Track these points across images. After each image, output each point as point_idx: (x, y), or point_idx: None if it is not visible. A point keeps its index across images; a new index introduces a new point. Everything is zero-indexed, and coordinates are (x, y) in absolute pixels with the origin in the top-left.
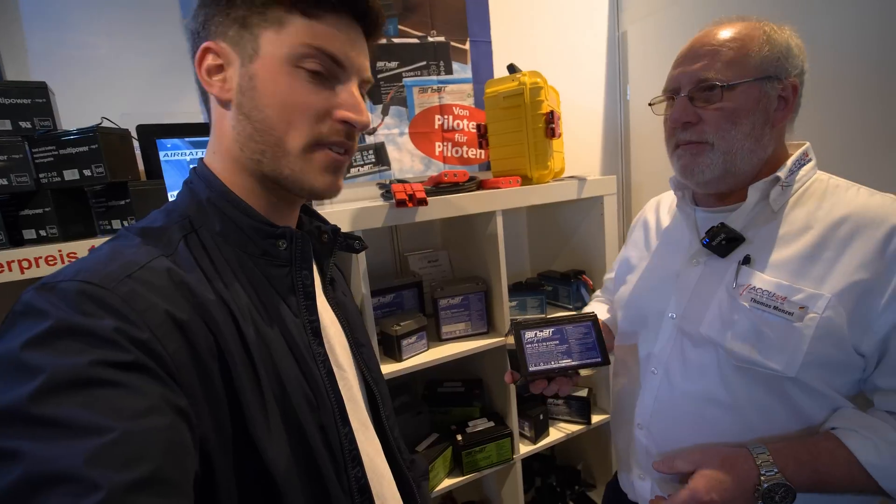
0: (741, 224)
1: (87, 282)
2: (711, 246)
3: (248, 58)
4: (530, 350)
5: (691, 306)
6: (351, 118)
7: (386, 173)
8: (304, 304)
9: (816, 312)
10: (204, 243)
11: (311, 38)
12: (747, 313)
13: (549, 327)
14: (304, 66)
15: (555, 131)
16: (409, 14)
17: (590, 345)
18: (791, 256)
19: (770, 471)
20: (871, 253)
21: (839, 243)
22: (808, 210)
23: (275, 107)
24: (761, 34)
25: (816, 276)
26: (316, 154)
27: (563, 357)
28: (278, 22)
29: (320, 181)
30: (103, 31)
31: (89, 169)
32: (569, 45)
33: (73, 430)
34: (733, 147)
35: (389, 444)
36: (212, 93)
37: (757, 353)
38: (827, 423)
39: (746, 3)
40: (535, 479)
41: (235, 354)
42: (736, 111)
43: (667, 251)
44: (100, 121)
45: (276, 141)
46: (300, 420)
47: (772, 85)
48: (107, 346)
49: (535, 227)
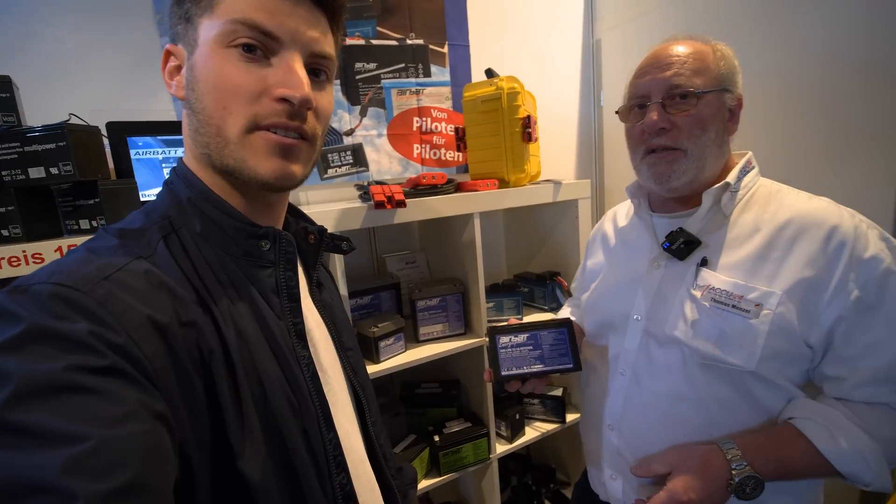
0: (697, 228)
1: (62, 284)
2: (671, 250)
3: (191, 50)
4: (504, 355)
5: (655, 308)
6: (285, 94)
7: (364, 174)
8: (287, 306)
9: (770, 309)
10: (184, 244)
11: (236, 12)
12: (708, 312)
13: (524, 333)
14: (234, 44)
15: (531, 135)
16: (387, 16)
17: (563, 350)
18: (744, 257)
19: (740, 465)
20: (814, 252)
21: (785, 244)
22: (756, 214)
23: (210, 93)
24: (715, 51)
25: (767, 275)
26: (254, 137)
27: (536, 362)
28: (210, 6)
29: (265, 167)
30: (71, 25)
31: (56, 167)
32: (545, 52)
33: (48, 439)
34: (704, 153)
35: (375, 451)
36: (170, 93)
37: (719, 350)
38: (784, 413)
39: (712, 15)
40: (511, 479)
41: (216, 357)
42: (704, 118)
43: (628, 257)
44: (67, 117)
45: (216, 130)
46: (281, 424)
47: (728, 96)
48: (81, 351)
49: (511, 230)
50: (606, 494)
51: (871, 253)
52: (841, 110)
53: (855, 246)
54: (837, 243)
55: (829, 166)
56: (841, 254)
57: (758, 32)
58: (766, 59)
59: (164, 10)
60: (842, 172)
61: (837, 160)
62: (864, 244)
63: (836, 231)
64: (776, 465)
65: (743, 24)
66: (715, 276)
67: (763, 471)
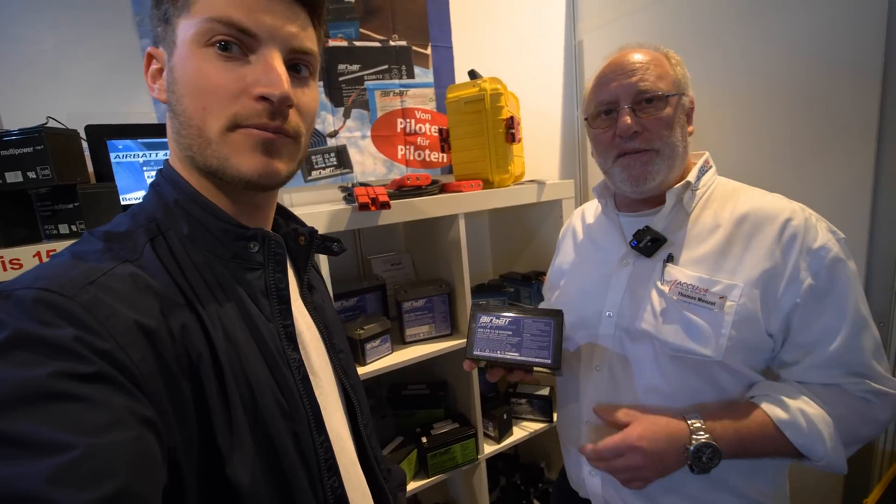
0: (661, 226)
1: (46, 289)
2: (639, 247)
3: (170, 52)
4: (480, 334)
5: (626, 304)
6: (264, 92)
7: (348, 176)
8: (277, 309)
9: (734, 300)
10: (171, 247)
11: (212, 10)
12: (676, 305)
13: (507, 316)
14: (211, 42)
15: (515, 136)
16: (370, 17)
17: (544, 344)
18: (706, 252)
19: (699, 432)
20: (770, 244)
21: (744, 238)
22: (715, 211)
23: (189, 94)
24: (670, 57)
25: (730, 268)
26: (235, 135)
27: (511, 349)
28: (186, 6)
29: (248, 164)
30: (49, 25)
31: (34, 171)
32: (527, 53)
33: (33, 448)
34: (674, 152)
35: (366, 453)
36: (153, 96)
37: (689, 342)
38: (746, 395)
39: (692, 18)
40: (499, 479)
41: (204, 361)
42: (670, 119)
43: (598, 255)
44: (45, 120)
45: (197, 131)
46: (271, 428)
47: (685, 99)
48: (67, 357)
49: (496, 230)
50: (585, 491)
51: (820, 243)
52: (823, 109)
53: (805, 237)
54: (790, 235)
55: (814, 163)
56: (794, 245)
57: (740, 33)
58: (747, 60)
59: (143, 11)
60: (821, 169)
61: (818, 157)
62: (814, 235)
63: (788, 224)
64: (734, 438)
65: (724, 26)
66: (681, 271)
67: (721, 442)
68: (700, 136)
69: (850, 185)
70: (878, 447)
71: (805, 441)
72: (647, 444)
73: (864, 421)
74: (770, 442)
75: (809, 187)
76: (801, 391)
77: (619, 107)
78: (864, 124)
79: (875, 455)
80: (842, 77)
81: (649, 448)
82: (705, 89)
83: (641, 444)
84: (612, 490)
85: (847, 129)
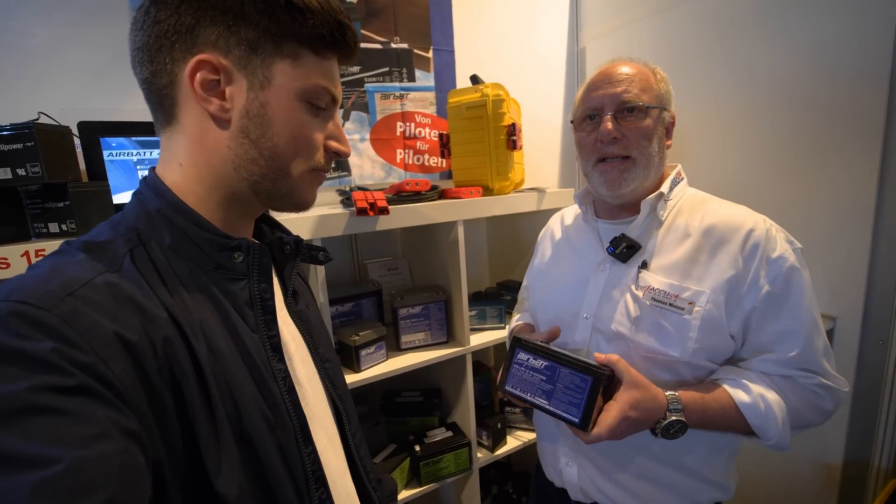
0: (637, 234)
1: (23, 301)
2: (615, 254)
3: (259, 84)
4: (515, 371)
5: (602, 307)
6: (340, 150)
7: (346, 179)
8: (262, 319)
9: (700, 306)
10: (152, 257)
11: (322, 78)
12: (649, 310)
13: (546, 360)
14: (310, 101)
15: (516, 143)
16: (372, 19)
17: (575, 400)
18: (677, 260)
19: (677, 410)
20: (734, 253)
21: (711, 247)
22: (686, 220)
23: (285, 137)
24: (656, 73)
25: (698, 275)
26: (309, 175)
27: (542, 396)
28: (293, 56)
29: (311, 195)
30: (41, 18)
31: (24, 168)
32: (530, 59)
33: (16, 463)
34: (649, 161)
35: (355, 464)
36: (208, 109)
37: (658, 344)
38: (712, 376)
39: (694, 27)
40: (491, 487)
41: (186, 374)
42: (650, 130)
43: (576, 259)
44: (36, 116)
45: (282, 166)
46: (256, 440)
47: (666, 114)
48: (46, 371)
49: (494, 237)
50: (562, 481)
51: (778, 253)
52: (826, 119)
53: (766, 247)
54: (752, 245)
55: (818, 174)
56: (755, 253)
57: (743, 43)
58: (749, 70)
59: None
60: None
61: (822, 168)
62: (773, 245)
63: (751, 234)
64: (700, 414)
65: (727, 36)
66: (654, 277)
67: (689, 416)
68: (703, 144)
69: (852, 197)
70: (874, 464)
71: (761, 423)
72: (636, 414)
73: (812, 410)
74: (729, 420)
75: (812, 198)
76: (762, 378)
77: (602, 113)
78: (868, 135)
79: (870, 473)
80: (846, 88)
81: (636, 417)
82: (708, 98)
83: (632, 415)
84: (588, 479)
85: (850, 140)
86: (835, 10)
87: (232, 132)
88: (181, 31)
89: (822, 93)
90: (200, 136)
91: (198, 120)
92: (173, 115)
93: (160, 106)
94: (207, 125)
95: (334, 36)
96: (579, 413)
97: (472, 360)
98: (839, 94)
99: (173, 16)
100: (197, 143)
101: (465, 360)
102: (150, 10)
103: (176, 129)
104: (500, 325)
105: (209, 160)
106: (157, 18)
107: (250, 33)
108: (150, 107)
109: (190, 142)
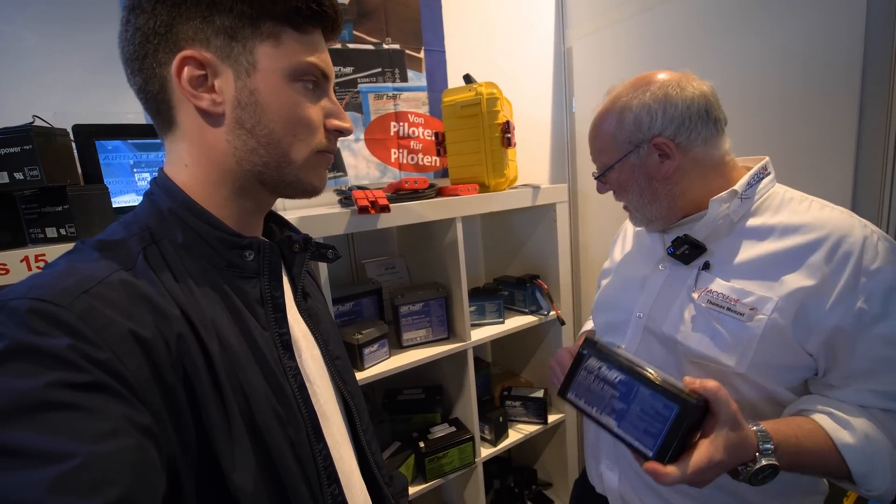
0: (704, 234)
1: (40, 299)
2: (675, 255)
3: (245, 72)
4: (582, 377)
5: (656, 307)
6: (341, 126)
7: (342, 179)
8: (273, 317)
9: (764, 314)
10: (165, 256)
11: (307, 54)
12: (704, 313)
13: (623, 374)
14: (301, 80)
15: (510, 141)
16: (364, 20)
17: (653, 431)
18: (746, 263)
19: (768, 453)
20: (819, 261)
21: (790, 252)
22: (764, 220)
23: (280, 121)
24: (615, 114)
25: (768, 280)
26: (315, 158)
27: (609, 414)
28: (273, 36)
29: (319, 179)
30: (32, 21)
31: (21, 172)
32: (518, 59)
33: (32, 458)
34: (639, 205)
35: (367, 460)
36: (200, 105)
37: (712, 350)
38: (796, 405)
39: (679, 26)
40: (493, 482)
41: (199, 370)
42: (622, 184)
43: (638, 258)
44: (31, 119)
45: (282, 153)
46: (268, 437)
47: (642, 150)
48: (63, 367)
49: (489, 234)
50: (602, 486)
51: (879, 265)
52: (805, 115)
53: (862, 257)
54: (843, 253)
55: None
56: (846, 264)
57: (727, 41)
58: (734, 68)
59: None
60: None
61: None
62: (873, 255)
63: (843, 241)
64: (793, 456)
65: (712, 34)
66: (715, 280)
67: (781, 460)
68: None
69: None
70: None
71: (867, 470)
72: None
73: None
74: (827, 465)
75: None
76: (862, 413)
77: None
78: (843, 133)
79: None
80: (821, 84)
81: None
82: None
83: (723, 459)
84: (629, 486)
85: (825, 138)
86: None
87: (228, 126)
88: (160, 33)
89: (797, 96)
90: (200, 135)
91: (194, 120)
92: (171, 118)
93: (158, 113)
94: (201, 123)
95: (311, 7)
96: (655, 446)
97: (472, 356)
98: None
99: (151, 19)
100: (197, 143)
101: (467, 355)
102: (130, 19)
103: (176, 133)
104: (499, 319)
105: (212, 157)
106: (136, 25)
107: (226, 21)
108: (150, 115)
109: (191, 143)
